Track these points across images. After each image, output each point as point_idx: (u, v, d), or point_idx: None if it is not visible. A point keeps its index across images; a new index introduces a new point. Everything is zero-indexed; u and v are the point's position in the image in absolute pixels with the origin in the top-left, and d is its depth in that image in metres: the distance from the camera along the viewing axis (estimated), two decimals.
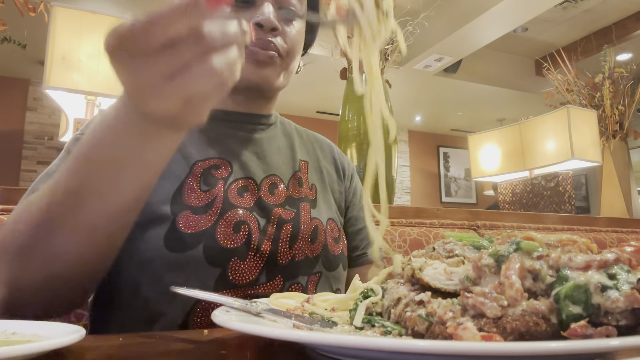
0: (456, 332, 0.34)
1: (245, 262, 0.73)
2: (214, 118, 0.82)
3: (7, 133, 5.79)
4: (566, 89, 3.82)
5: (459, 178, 8.85)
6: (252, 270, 0.73)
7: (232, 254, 0.72)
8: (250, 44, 0.76)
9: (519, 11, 4.38)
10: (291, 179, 0.86)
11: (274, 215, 0.78)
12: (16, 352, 0.33)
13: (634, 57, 5.71)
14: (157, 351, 0.44)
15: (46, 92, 2.18)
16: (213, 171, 0.77)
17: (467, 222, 1.60)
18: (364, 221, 0.94)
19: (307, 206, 0.83)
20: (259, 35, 0.77)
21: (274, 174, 0.84)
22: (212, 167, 0.78)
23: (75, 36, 2.15)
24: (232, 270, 0.72)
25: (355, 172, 1.04)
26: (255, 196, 0.79)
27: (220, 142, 0.82)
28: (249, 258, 0.73)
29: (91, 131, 0.50)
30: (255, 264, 0.74)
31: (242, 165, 0.81)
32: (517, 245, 0.39)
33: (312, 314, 0.52)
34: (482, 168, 3.60)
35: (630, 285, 0.34)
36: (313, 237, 0.81)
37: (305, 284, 0.79)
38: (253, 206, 0.77)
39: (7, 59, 5.31)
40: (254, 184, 0.80)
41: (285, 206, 0.81)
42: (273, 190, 0.82)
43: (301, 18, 0.85)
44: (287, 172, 0.86)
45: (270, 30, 0.78)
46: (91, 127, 0.51)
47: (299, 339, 0.34)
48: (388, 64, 2.18)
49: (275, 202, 0.80)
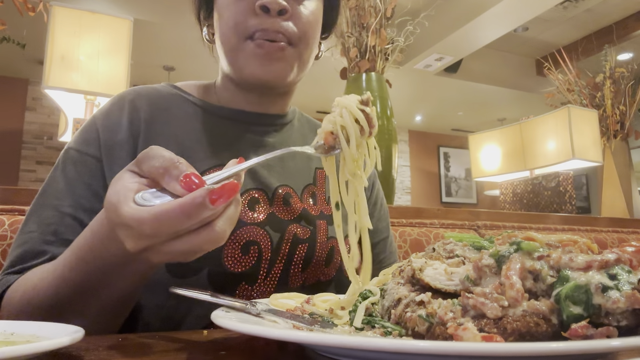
0: (457, 332, 0.34)
1: (254, 286, 0.68)
2: (223, 118, 0.78)
3: (6, 133, 5.79)
4: (567, 88, 3.82)
5: (460, 178, 8.85)
6: (261, 295, 0.69)
7: (240, 279, 0.68)
8: (256, 31, 0.68)
9: (519, 11, 4.38)
10: (305, 189, 0.78)
11: (289, 233, 0.72)
12: (16, 352, 0.33)
13: (635, 57, 5.71)
14: (157, 351, 0.44)
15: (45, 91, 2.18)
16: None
17: (467, 222, 1.60)
18: (383, 233, 0.89)
19: (324, 224, 0.76)
20: (265, 21, 0.67)
21: (287, 184, 0.76)
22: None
23: (75, 36, 2.15)
24: (239, 296, 0.68)
25: (377, 179, 0.95)
26: (267, 210, 0.72)
27: (229, 148, 0.75)
28: (258, 282, 0.69)
29: (77, 246, 0.53)
30: (264, 288, 0.69)
31: (252, 173, 0.73)
32: (517, 245, 0.39)
33: (312, 315, 0.52)
34: (482, 168, 3.60)
35: (631, 285, 0.34)
36: (328, 259, 0.74)
37: None
38: (265, 220, 0.71)
39: (6, 59, 5.31)
40: (265, 196, 0.73)
41: (301, 222, 0.74)
42: (288, 201, 0.74)
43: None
44: (301, 182, 0.78)
45: (278, 14, 0.68)
46: (78, 241, 0.53)
47: (298, 339, 0.34)
48: (388, 64, 2.18)
49: (290, 216, 0.73)
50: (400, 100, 6.72)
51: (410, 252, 1.35)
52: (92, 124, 0.73)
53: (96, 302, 0.54)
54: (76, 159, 0.69)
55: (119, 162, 0.69)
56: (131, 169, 0.44)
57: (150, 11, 4.49)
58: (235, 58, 0.72)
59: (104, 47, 2.19)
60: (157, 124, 0.73)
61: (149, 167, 0.43)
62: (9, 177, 5.64)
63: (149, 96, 0.76)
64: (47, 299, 0.54)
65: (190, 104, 0.78)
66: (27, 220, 0.66)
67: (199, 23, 0.81)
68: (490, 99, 6.96)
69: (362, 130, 0.53)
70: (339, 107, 0.54)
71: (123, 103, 0.74)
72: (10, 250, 0.65)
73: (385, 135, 2.04)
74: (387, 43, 2.14)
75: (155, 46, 5.10)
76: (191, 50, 4.85)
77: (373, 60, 2.13)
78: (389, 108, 2.10)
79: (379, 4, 2.11)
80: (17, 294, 0.59)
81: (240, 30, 0.69)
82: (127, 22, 2.24)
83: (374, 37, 2.09)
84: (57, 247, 0.63)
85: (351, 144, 0.53)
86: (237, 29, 0.69)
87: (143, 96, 0.76)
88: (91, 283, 0.52)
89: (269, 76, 0.71)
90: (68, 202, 0.66)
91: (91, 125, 0.72)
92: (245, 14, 0.69)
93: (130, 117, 0.72)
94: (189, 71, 5.82)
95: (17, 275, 0.62)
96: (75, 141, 0.72)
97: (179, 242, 0.41)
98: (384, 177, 1.99)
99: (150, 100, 0.76)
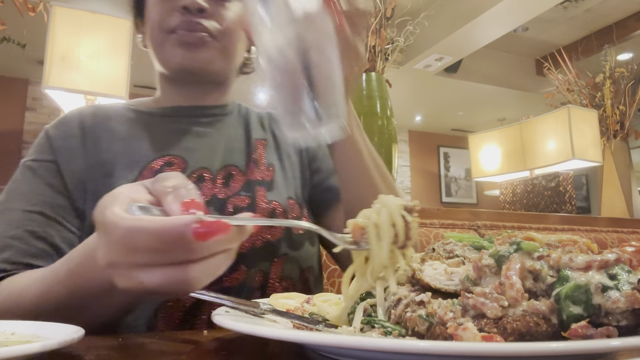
0: (456, 332, 0.34)
1: None
2: (162, 116, 0.84)
3: (7, 133, 5.79)
4: (567, 88, 3.82)
5: (459, 178, 8.84)
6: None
7: None
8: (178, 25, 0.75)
9: (519, 11, 4.38)
10: (248, 162, 0.82)
11: (229, 206, 0.75)
12: (16, 352, 0.33)
13: (635, 57, 5.71)
14: (157, 351, 0.44)
15: (45, 91, 2.18)
16: (166, 170, 0.74)
17: (467, 222, 1.60)
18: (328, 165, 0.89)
19: (262, 190, 0.79)
20: (186, 17, 0.75)
21: (230, 163, 0.81)
22: (165, 165, 0.75)
23: (75, 36, 2.15)
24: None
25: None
26: (210, 191, 0.76)
27: (173, 139, 0.80)
28: None
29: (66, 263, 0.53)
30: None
31: (196, 158, 0.78)
32: (517, 245, 0.39)
33: (312, 315, 0.52)
34: (482, 168, 3.60)
35: (631, 285, 0.34)
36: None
37: (268, 269, 0.75)
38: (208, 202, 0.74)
39: (7, 59, 5.30)
40: (209, 177, 0.77)
41: (241, 193, 0.77)
42: (229, 181, 0.78)
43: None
44: (242, 157, 0.83)
45: (198, 12, 0.75)
46: (69, 259, 0.53)
47: (298, 339, 0.34)
48: (388, 64, 2.18)
49: (230, 193, 0.77)
50: (400, 100, 6.71)
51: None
52: (42, 136, 0.78)
53: (75, 321, 0.53)
54: (33, 167, 0.74)
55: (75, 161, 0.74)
56: (143, 183, 0.44)
57: None
58: (161, 51, 0.79)
59: (104, 47, 2.19)
60: (101, 129, 0.79)
61: (160, 186, 0.42)
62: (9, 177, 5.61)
63: (93, 111, 0.83)
64: (30, 308, 0.55)
65: (131, 111, 0.85)
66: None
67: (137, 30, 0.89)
68: (490, 99, 6.96)
69: (396, 237, 0.47)
70: (380, 204, 0.49)
71: (71, 117, 0.80)
72: None
73: (385, 135, 2.04)
74: (387, 43, 2.14)
75: None
76: None
77: (373, 60, 2.13)
78: (389, 108, 2.10)
79: (379, 4, 2.11)
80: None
81: (164, 26, 0.76)
82: (127, 22, 2.24)
83: (373, 37, 2.09)
84: (24, 240, 0.65)
85: (383, 248, 0.47)
86: (161, 25, 0.77)
87: (88, 112, 0.82)
88: (74, 300, 0.52)
89: (194, 64, 0.77)
90: (33, 201, 0.69)
91: (41, 137, 0.78)
92: (168, 11, 0.76)
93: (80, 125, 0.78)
94: None
95: None
96: (29, 155, 0.77)
97: (148, 273, 0.38)
98: None
99: (93, 113, 0.82)
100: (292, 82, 0.48)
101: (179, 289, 0.39)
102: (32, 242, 0.65)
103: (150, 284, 0.38)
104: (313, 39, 0.48)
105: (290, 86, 0.49)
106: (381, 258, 0.47)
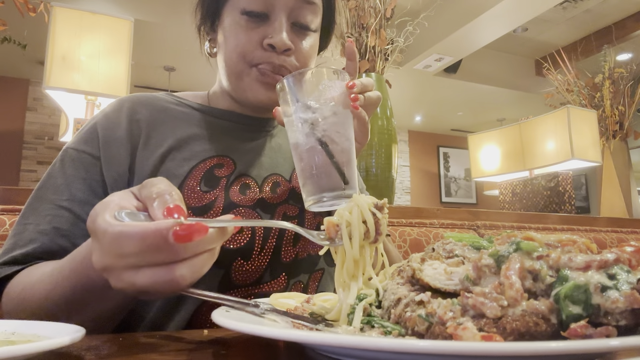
0: (456, 332, 0.34)
1: (249, 261, 0.72)
2: (216, 117, 0.84)
3: (7, 133, 5.79)
4: (566, 89, 3.82)
5: (459, 178, 8.85)
6: (256, 269, 0.73)
7: (236, 255, 0.71)
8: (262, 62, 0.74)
9: (519, 11, 4.38)
10: (292, 173, 0.84)
11: (278, 213, 0.77)
12: (16, 352, 0.33)
13: (634, 57, 5.71)
14: (157, 351, 0.44)
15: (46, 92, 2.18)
16: (216, 170, 0.76)
17: (467, 222, 1.60)
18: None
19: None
20: (271, 56, 0.74)
21: (276, 172, 0.82)
22: (215, 166, 0.76)
23: (75, 36, 2.15)
24: (235, 270, 0.71)
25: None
26: (256, 195, 0.77)
27: (226, 142, 0.81)
28: (253, 257, 0.72)
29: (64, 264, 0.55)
30: (259, 262, 0.73)
31: (245, 163, 0.79)
32: (517, 245, 0.39)
33: (312, 315, 0.52)
34: (482, 168, 3.60)
35: (630, 285, 0.34)
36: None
37: (307, 281, 0.78)
38: (255, 204, 0.76)
39: (7, 59, 5.31)
40: (255, 183, 0.79)
41: (290, 201, 0.80)
42: (275, 189, 0.80)
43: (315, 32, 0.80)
44: (286, 168, 0.85)
45: (283, 51, 0.75)
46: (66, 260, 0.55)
47: (298, 339, 0.34)
48: (388, 64, 2.18)
49: (278, 200, 0.79)
50: (400, 101, 6.72)
51: (410, 252, 1.35)
52: (91, 124, 0.77)
53: (81, 314, 0.55)
54: (74, 157, 0.73)
55: (117, 159, 0.73)
56: (132, 190, 0.47)
57: (150, 11, 4.49)
58: (239, 82, 0.78)
59: (105, 48, 2.19)
60: (156, 122, 0.78)
61: (147, 192, 0.45)
62: (9, 177, 5.64)
63: (147, 100, 0.82)
64: (41, 300, 0.56)
65: (186, 106, 0.84)
66: (23, 213, 0.69)
67: (199, 35, 0.86)
68: (490, 99, 6.96)
69: (367, 233, 0.51)
70: (352, 202, 0.53)
71: (122, 105, 0.79)
72: (5, 241, 0.68)
73: (385, 135, 2.04)
74: (387, 43, 2.14)
75: (156, 46, 5.10)
76: (191, 50, 4.85)
77: (373, 61, 2.13)
78: (388, 108, 2.10)
79: (379, 5, 2.11)
80: (17, 289, 0.61)
81: (247, 59, 0.75)
82: (127, 22, 2.24)
83: (373, 37, 2.09)
84: (50, 237, 0.66)
85: (354, 244, 0.51)
86: (244, 58, 0.76)
87: (141, 100, 0.81)
88: (77, 296, 0.53)
89: (270, 102, 0.77)
90: (65, 196, 0.69)
91: (90, 126, 0.76)
92: (253, 45, 0.75)
93: (129, 118, 0.77)
94: (189, 71, 5.82)
95: (8, 266, 0.64)
96: (74, 141, 0.75)
97: (138, 274, 0.41)
98: (383, 177, 1.99)
99: (148, 103, 0.81)
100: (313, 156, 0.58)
101: (169, 288, 0.42)
102: (56, 239, 0.66)
103: (141, 284, 0.41)
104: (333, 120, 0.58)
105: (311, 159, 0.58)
106: (353, 252, 0.51)
